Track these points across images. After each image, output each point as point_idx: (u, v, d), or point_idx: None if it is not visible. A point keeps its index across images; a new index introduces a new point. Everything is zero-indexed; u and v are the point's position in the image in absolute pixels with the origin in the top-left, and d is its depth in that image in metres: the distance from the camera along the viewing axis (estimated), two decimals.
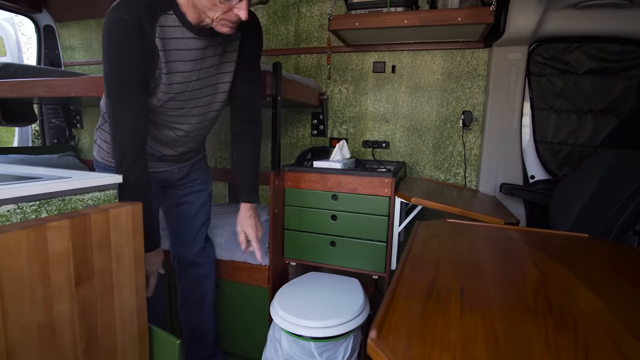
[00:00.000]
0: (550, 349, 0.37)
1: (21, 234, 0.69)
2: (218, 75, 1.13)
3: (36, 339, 0.73)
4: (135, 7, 0.93)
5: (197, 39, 1.02)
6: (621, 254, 0.70)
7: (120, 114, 1.00)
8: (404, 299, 0.48)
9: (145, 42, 0.95)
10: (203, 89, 1.11)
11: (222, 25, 0.96)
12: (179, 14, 0.98)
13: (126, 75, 0.97)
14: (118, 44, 0.94)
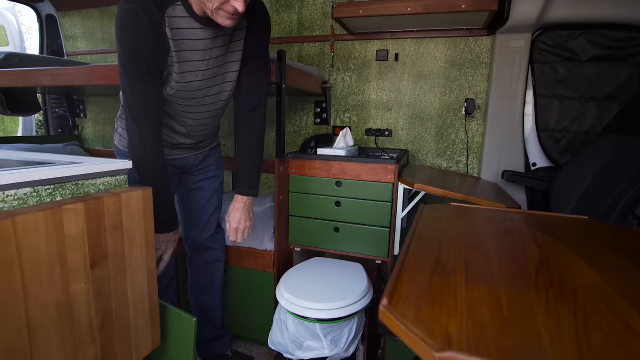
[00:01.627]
0: (552, 315, 0.39)
1: (39, 216, 0.71)
2: (226, 65, 1.15)
3: (55, 317, 0.76)
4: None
5: (205, 30, 1.03)
6: (620, 235, 0.72)
7: (137, 100, 1.02)
8: (411, 272, 0.50)
9: (157, 31, 0.97)
10: (213, 78, 1.13)
11: (221, 17, 0.97)
12: (187, 4, 1.00)
13: (141, 63, 0.99)
14: (132, 32, 0.96)
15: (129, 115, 1.05)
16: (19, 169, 0.76)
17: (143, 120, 1.04)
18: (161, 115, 1.09)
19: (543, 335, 0.36)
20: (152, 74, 1.02)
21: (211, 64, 1.10)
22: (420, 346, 0.35)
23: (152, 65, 1.00)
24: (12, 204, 0.74)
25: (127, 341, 0.96)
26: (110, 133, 2.75)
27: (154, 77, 1.02)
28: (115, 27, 0.98)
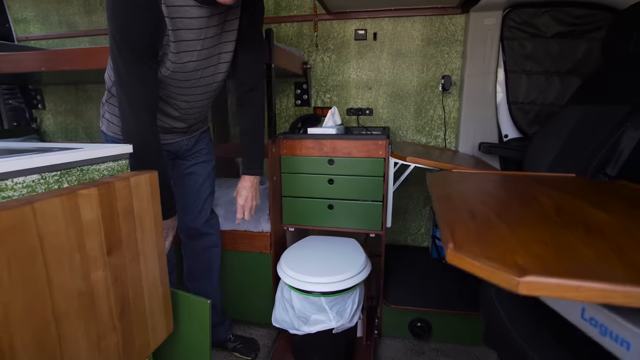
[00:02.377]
0: (589, 246, 0.45)
1: (56, 202, 0.68)
2: (220, 45, 1.11)
3: (78, 306, 0.74)
4: None
5: (200, 7, 0.99)
6: (608, 186, 0.82)
7: (132, 80, 0.97)
8: (456, 222, 0.55)
9: (152, 8, 0.92)
10: (208, 59, 1.10)
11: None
12: None
13: (136, 40, 0.94)
14: (126, 8, 0.90)
15: (123, 98, 1.00)
16: (25, 155, 0.72)
17: (139, 102, 1.00)
18: (157, 97, 1.05)
19: (593, 260, 0.41)
20: (149, 54, 0.97)
21: (206, 43, 1.06)
22: (500, 276, 0.39)
23: (148, 42, 0.95)
24: (22, 192, 0.70)
25: (144, 328, 0.94)
26: (74, 125, 2.58)
27: (150, 55, 0.98)
28: (107, 4, 0.92)
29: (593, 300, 0.36)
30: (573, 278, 0.37)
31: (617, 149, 1.22)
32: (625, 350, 0.42)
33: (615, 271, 0.39)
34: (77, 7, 2.39)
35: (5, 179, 0.67)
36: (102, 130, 1.25)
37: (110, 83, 1.15)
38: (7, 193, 0.67)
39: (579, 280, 0.36)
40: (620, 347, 0.42)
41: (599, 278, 0.37)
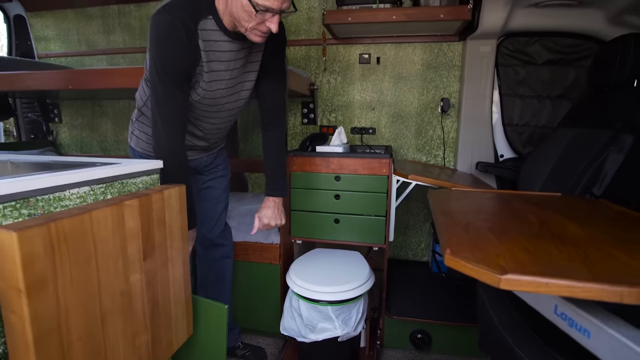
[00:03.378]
0: (562, 253, 0.55)
1: (107, 211, 0.78)
2: (245, 74, 1.23)
3: (119, 305, 0.83)
4: (182, 10, 1.02)
5: (232, 42, 1.12)
6: (589, 204, 0.92)
7: (168, 102, 1.08)
8: (453, 233, 0.65)
9: (191, 42, 1.04)
10: (233, 86, 1.21)
11: (254, 35, 1.06)
12: (217, 18, 1.08)
13: (175, 69, 1.05)
14: (168, 41, 1.02)
15: (158, 118, 1.11)
16: (79, 170, 0.82)
17: (173, 122, 1.10)
18: (187, 118, 1.17)
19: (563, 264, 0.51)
20: (185, 81, 1.09)
21: (234, 73, 1.18)
22: (486, 275, 0.49)
23: (185, 73, 1.07)
24: (76, 202, 0.80)
25: (169, 329, 1.03)
26: (89, 138, 2.69)
27: (184, 82, 1.09)
28: (151, 36, 1.04)
29: (559, 294, 0.45)
30: (544, 276, 0.46)
31: (601, 171, 1.33)
32: (586, 338, 0.51)
33: (579, 272, 0.48)
34: (97, 27, 2.53)
35: (64, 190, 0.77)
36: (131, 145, 1.35)
37: (142, 103, 1.27)
38: (65, 202, 0.77)
39: (549, 278, 0.46)
40: (582, 336, 0.52)
41: (565, 276, 0.46)
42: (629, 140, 1.30)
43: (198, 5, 1.05)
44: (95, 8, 2.47)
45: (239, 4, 1.01)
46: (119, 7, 2.43)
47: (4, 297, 0.62)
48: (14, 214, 0.68)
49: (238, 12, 1.02)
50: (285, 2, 1.01)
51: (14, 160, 1.10)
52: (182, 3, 1.03)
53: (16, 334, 0.62)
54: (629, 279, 0.46)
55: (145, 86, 1.23)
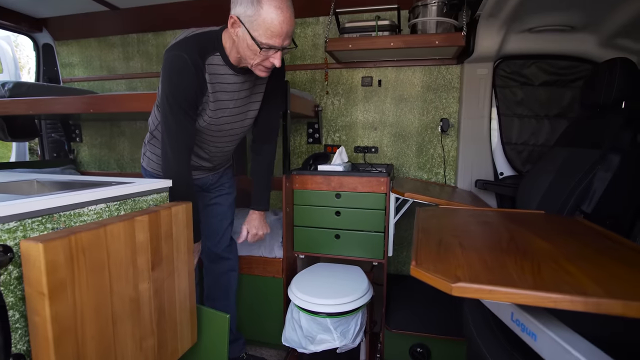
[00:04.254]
0: (518, 265, 0.62)
1: (120, 226, 0.88)
2: (249, 104, 1.36)
3: (128, 310, 0.92)
4: (192, 47, 1.15)
5: (236, 76, 1.25)
6: (565, 221, 0.97)
7: (176, 128, 1.20)
8: (425, 247, 0.71)
9: (198, 76, 1.17)
10: (237, 115, 1.34)
11: (259, 70, 1.18)
12: (223, 55, 1.21)
13: (184, 100, 1.18)
14: (178, 74, 1.15)
15: (167, 142, 1.22)
16: (97, 189, 0.93)
17: (181, 146, 1.22)
18: (194, 143, 1.28)
19: (513, 274, 0.58)
20: (192, 110, 1.21)
21: (238, 103, 1.31)
22: (441, 282, 0.56)
23: (192, 102, 1.20)
24: (93, 217, 0.90)
25: (174, 335, 1.11)
26: (107, 157, 2.85)
27: (193, 112, 1.22)
28: (164, 69, 1.17)
29: (501, 300, 0.52)
30: (491, 285, 0.53)
31: (590, 189, 1.38)
32: (534, 341, 0.57)
33: (524, 281, 0.54)
34: (117, 54, 2.72)
35: (83, 207, 0.88)
36: (143, 166, 1.47)
37: (153, 127, 1.39)
38: (83, 218, 0.88)
39: (493, 286, 0.53)
40: (531, 339, 0.57)
41: (509, 285, 0.53)
42: (616, 159, 1.35)
43: (206, 43, 1.18)
44: (116, 37, 2.66)
45: (244, 43, 1.13)
46: (138, 36, 2.62)
47: (29, 301, 0.72)
48: (40, 227, 0.78)
49: (244, 50, 1.14)
50: (287, 40, 1.13)
51: (39, 180, 1.22)
52: (192, 41, 1.16)
53: (39, 333, 0.72)
54: (567, 288, 0.52)
55: (157, 112, 1.35)
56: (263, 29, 1.09)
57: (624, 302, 0.48)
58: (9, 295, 0.72)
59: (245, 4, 1.08)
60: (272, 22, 1.08)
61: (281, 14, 1.08)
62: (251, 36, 1.10)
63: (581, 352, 0.49)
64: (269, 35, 1.09)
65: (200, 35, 1.19)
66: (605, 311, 0.48)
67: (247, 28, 1.10)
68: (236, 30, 1.13)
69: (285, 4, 1.10)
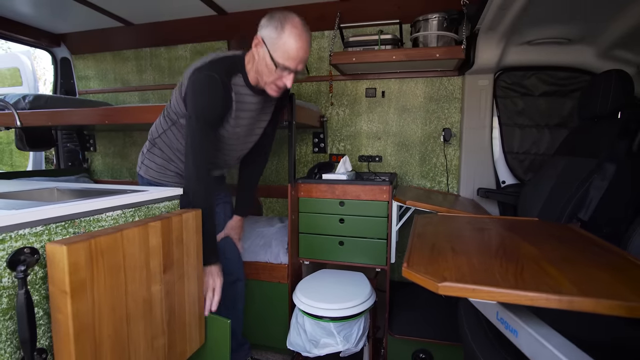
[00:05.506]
0: (502, 268, 0.66)
1: (135, 230, 0.94)
2: (258, 121, 1.49)
3: (141, 311, 0.98)
4: (221, 69, 1.27)
5: (254, 96, 1.37)
6: (557, 228, 1.01)
7: (204, 144, 1.30)
8: (417, 252, 0.76)
9: (226, 94, 1.29)
10: (251, 128, 1.47)
11: (271, 89, 1.31)
12: (245, 76, 1.33)
13: (213, 117, 1.29)
14: (208, 93, 1.26)
15: (192, 155, 1.29)
16: (113, 196, 1.00)
17: (204, 156, 1.30)
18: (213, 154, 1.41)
19: (497, 275, 0.62)
20: (217, 124, 1.33)
21: (251, 120, 1.44)
22: (429, 282, 0.61)
23: (219, 118, 1.32)
24: (110, 222, 0.97)
25: (183, 336, 1.16)
26: (119, 165, 2.95)
27: (217, 126, 1.34)
28: (194, 88, 1.27)
29: (484, 298, 0.56)
30: (474, 284, 0.57)
31: (587, 197, 1.41)
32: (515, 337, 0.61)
33: (506, 281, 0.59)
34: (131, 67, 2.84)
35: (102, 213, 0.95)
36: (140, 174, 1.55)
37: (156, 135, 1.49)
38: (102, 223, 0.94)
39: (476, 285, 0.57)
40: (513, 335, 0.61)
41: (491, 285, 0.57)
42: (612, 168, 1.39)
43: (232, 65, 1.31)
44: (130, 51, 2.78)
45: (263, 61, 1.26)
46: (150, 50, 2.73)
47: (53, 299, 0.78)
48: (63, 231, 0.85)
49: (262, 67, 1.27)
50: (300, 65, 1.27)
51: (59, 187, 1.30)
52: (221, 63, 1.29)
53: (61, 329, 0.78)
54: (544, 287, 0.56)
55: (163, 121, 1.46)
56: (282, 51, 1.22)
57: (595, 300, 0.52)
58: (34, 293, 0.78)
59: (271, 27, 1.23)
60: (290, 46, 1.22)
61: (299, 41, 1.22)
62: (270, 56, 1.23)
63: (555, 347, 0.54)
64: (286, 57, 1.23)
65: (225, 58, 1.32)
66: (578, 308, 0.52)
67: (268, 48, 1.23)
68: (258, 49, 1.26)
69: (305, 34, 1.24)
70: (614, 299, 0.54)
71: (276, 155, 2.52)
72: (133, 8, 2.39)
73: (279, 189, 2.52)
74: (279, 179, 2.55)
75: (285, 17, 1.23)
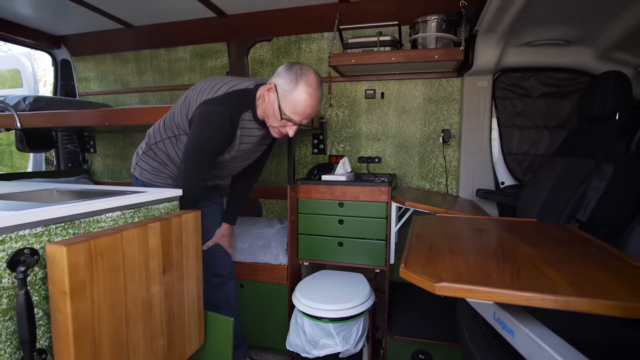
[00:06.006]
0: (499, 268, 0.66)
1: (135, 231, 0.95)
2: (259, 147, 1.53)
3: (140, 311, 0.98)
4: (232, 105, 1.30)
5: (260, 129, 1.40)
6: (555, 229, 1.02)
7: (198, 173, 1.35)
8: (415, 252, 0.77)
9: (232, 132, 1.32)
10: (251, 154, 1.51)
11: (274, 132, 1.37)
12: (254, 112, 1.36)
13: (211, 151, 1.34)
14: (214, 129, 1.29)
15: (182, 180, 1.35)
16: (112, 197, 1.00)
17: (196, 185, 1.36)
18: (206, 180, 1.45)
19: (494, 276, 0.63)
20: (214, 158, 1.37)
21: (253, 147, 1.47)
22: (426, 282, 0.61)
23: (218, 152, 1.36)
24: (110, 223, 0.98)
25: (183, 336, 1.17)
26: (119, 167, 2.96)
27: (214, 159, 1.38)
28: (200, 121, 1.29)
29: (481, 298, 0.57)
30: (471, 285, 0.58)
31: (585, 198, 1.41)
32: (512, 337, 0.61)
33: (503, 282, 0.59)
34: (131, 69, 2.84)
35: (101, 214, 0.95)
36: (135, 175, 1.57)
37: (154, 140, 1.50)
38: (101, 224, 0.95)
39: (473, 285, 0.58)
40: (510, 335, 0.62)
41: (487, 285, 0.58)
42: (610, 169, 1.39)
43: (244, 100, 1.34)
44: (130, 52, 2.79)
45: (271, 107, 1.30)
46: (150, 52, 2.74)
47: (53, 299, 0.78)
48: (63, 232, 0.85)
49: (269, 112, 1.31)
50: (305, 120, 1.32)
51: (59, 189, 1.30)
52: (233, 99, 1.31)
53: (60, 329, 0.78)
54: (540, 288, 0.57)
55: (163, 130, 1.47)
56: (290, 105, 1.27)
57: (591, 300, 0.53)
58: (34, 294, 0.79)
59: (286, 79, 1.27)
60: (299, 103, 1.26)
61: (309, 99, 1.27)
62: (279, 105, 1.28)
63: (551, 347, 0.54)
64: (293, 111, 1.28)
65: (238, 92, 1.34)
66: (574, 308, 0.53)
67: (278, 97, 1.28)
68: (270, 94, 1.30)
69: (317, 93, 1.28)
70: (610, 299, 0.54)
71: (276, 156, 2.53)
72: (133, 10, 2.39)
73: (278, 190, 2.52)
74: (278, 180, 2.55)
75: (302, 72, 1.26)
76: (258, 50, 2.48)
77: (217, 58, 2.59)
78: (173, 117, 1.43)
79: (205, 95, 1.32)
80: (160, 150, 1.49)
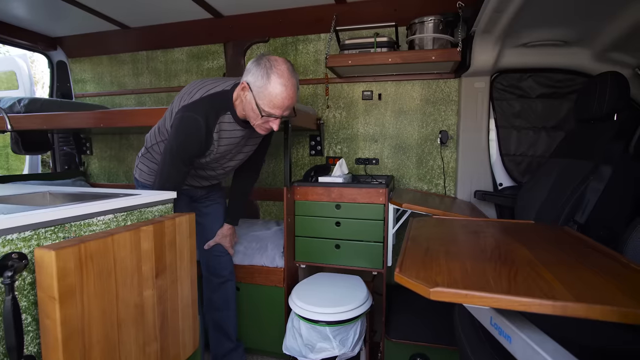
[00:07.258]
0: (496, 272, 0.65)
1: (126, 235, 0.93)
2: (244, 147, 1.50)
3: (133, 316, 0.96)
4: (208, 109, 1.28)
5: (242, 130, 1.38)
6: (552, 231, 1.01)
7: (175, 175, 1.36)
8: (411, 256, 0.75)
9: (207, 137, 1.30)
10: (235, 154, 1.49)
11: (260, 129, 1.33)
12: (233, 113, 1.34)
13: (188, 156, 1.33)
14: (188, 135, 1.29)
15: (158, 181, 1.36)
16: (104, 200, 0.99)
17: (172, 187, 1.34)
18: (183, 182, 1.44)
19: (490, 280, 0.61)
20: (191, 162, 1.38)
21: (237, 147, 1.45)
22: (421, 287, 0.60)
23: (194, 157, 1.36)
24: (101, 227, 0.96)
25: (177, 341, 1.15)
26: (115, 169, 2.94)
27: (190, 163, 1.38)
28: (177, 125, 1.29)
29: (477, 303, 0.55)
30: (467, 290, 0.57)
31: (583, 199, 1.41)
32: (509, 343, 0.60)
33: (499, 287, 0.58)
34: (127, 71, 2.83)
35: (92, 217, 0.93)
36: (136, 177, 1.59)
37: (150, 144, 1.52)
38: (93, 227, 0.93)
39: (469, 290, 0.56)
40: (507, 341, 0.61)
41: (484, 290, 0.56)
42: (608, 170, 1.38)
43: (220, 103, 1.32)
44: (126, 54, 2.78)
45: (249, 106, 1.28)
46: (147, 53, 2.73)
47: (41, 304, 0.77)
48: (52, 236, 0.84)
49: (248, 111, 1.30)
50: (286, 111, 1.29)
51: (52, 192, 1.29)
52: (208, 103, 1.30)
53: (49, 335, 0.76)
54: (538, 293, 0.55)
55: (157, 134, 1.48)
56: (267, 100, 1.24)
57: (588, 306, 0.52)
58: (22, 299, 0.77)
59: (256, 75, 1.24)
60: (276, 96, 1.23)
61: (284, 91, 1.23)
62: (256, 103, 1.25)
63: (549, 353, 0.53)
64: (272, 106, 1.25)
65: (214, 95, 1.32)
66: (571, 314, 0.52)
67: (254, 95, 1.25)
68: (245, 93, 1.28)
69: (291, 82, 1.24)
70: (608, 304, 0.53)
71: (273, 158, 2.51)
72: (129, 11, 2.38)
73: (275, 191, 2.51)
74: (275, 181, 2.54)
75: (271, 65, 1.23)
76: (255, 51, 2.47)
77: (214, 59, 2.58)
78: (164, 122, 1.44)
79: (184, 100, 1.32)
80: (156, 153, 1.51)
